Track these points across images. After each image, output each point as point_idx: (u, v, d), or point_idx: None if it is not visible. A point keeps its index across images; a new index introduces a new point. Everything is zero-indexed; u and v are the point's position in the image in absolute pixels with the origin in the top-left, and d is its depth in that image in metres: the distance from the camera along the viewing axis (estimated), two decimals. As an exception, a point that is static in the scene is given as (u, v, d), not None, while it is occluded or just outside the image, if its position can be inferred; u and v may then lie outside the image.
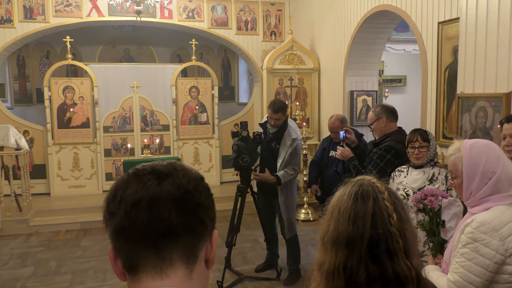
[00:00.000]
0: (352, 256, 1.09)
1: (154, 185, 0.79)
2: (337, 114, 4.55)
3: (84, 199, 7.02)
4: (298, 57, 7.04)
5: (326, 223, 1.18)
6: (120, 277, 0.83)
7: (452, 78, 3.99)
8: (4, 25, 6.85)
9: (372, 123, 3.51)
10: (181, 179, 0.82)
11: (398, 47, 9.29)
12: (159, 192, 0.79)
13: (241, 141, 4.08)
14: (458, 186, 1.82)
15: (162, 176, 0.81)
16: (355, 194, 1.14)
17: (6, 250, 5.33)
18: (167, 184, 0.80)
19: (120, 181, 0.84)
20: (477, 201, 1.75)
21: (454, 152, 1.82)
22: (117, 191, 0.82)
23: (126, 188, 0.80)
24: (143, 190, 0.79)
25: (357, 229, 1.10)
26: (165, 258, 0.78)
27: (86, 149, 7.42)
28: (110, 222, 0.80)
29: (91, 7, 7.14)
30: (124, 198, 0.79)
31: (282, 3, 8.03)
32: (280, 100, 4.34)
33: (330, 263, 1.12)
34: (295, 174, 4.18)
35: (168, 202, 0.78)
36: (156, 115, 7.71)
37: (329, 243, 1.15)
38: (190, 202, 0.81)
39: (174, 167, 0.84)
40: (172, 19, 7.52)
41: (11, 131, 5.89)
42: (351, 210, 1.12)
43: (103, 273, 4.61)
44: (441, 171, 2.89)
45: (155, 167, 0.84)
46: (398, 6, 4.78)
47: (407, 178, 2.99)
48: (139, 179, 0.81)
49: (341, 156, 3.64)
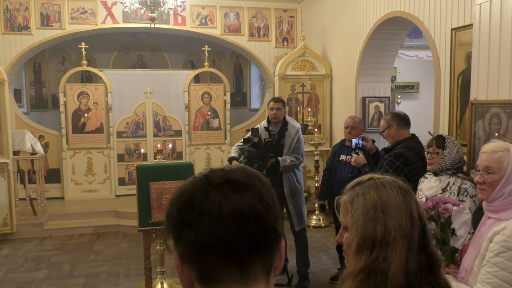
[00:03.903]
0: (411, 249, 1.11)
1: (238, 198, 0.77)
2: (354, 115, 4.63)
3: (97, 204, 7.09)
4: (310, 63, 7.05)
5: (379, 222, 1.14)
6: (186, 286, 0.80)
7: (465, 85, 3.96)
8: (21, 32, 6.99)
9: (384, 131, 3.53)
10: (260, 190, 0.80)
11: (411, 53, 9.25)
12: (245, 206, 0.76)
13: (252, 147, 4.09)
14: (491, 184, 1.76)
15: (242, 186, 0.78)
16: (400, 189, 1.17)
17: (21, 253, 5.40)
18: (250, 197, 0.78)
19: (196, 189, 0.79)
20: (504, 205, 1.71)
21: (500, 149, 1.78)
22: (193, 199, 0.78)
23: (205, 198, 0.77)
24: (227, 203, 0.76)
25: (413, 222, 1.13)
26: (249, 273, 0.77)
27: (99, 154, 7.50)
28: (186, 233, 0.77)
29: (106, 14, 7.25)
30: (207, 211, 0.75)
31: (294, 10, 8.06)
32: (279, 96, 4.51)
33: (396, 259, 1.10)
34: (297, 162, 4.20)
35: (254, 218, 0.76)
36: (168, 121, 7.77)
37: (393, 241, 1.12)
38: (271, 216, 0.79)
39: (249, 176, 0.82)
40: (185, 25, 7.59)
41: (27, 136, 6.00)
42: (405, 204, 1.15)
43: (115, 277, 4.65)
44: (456, 181, 2.82)
45: (230, 176, 0.80)
46: (411, 12, 4.77)
47: (425, 184, 2.98)
48: (218, 189, 0.77)
49: (355, 163, 3.71)
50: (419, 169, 3.31)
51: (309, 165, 6.88)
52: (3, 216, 5.76)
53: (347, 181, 1.16)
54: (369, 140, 3.90)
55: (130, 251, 5.46)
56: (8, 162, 5.71)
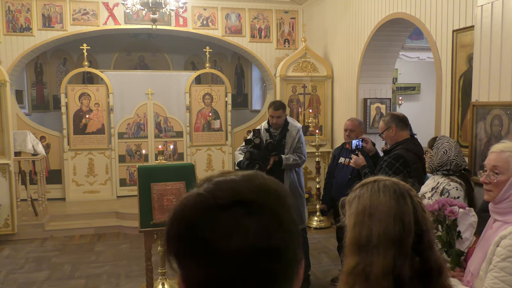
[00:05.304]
0: (400, 255, 1.10)
1: (253, 226, 0.63)
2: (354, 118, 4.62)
3: (98, 205, 7.10)
4: (311, 64, 7.05)
5: (365, 226, 1.15)
6: None
7: (466, 86, 3.96)
8: (23, 33, 7.00)
9: (383, 133, 3.54)
10: (279, 212, 0.66)
11: (412, 55, 9.24)
12: (261, 237, 0.63)
13: (254, 149, 4.10)
14: (498, 184, 1.75)
15: (257, 209, 0.64)
16: (394, 193, 1.16)
17: (22, 254, 5.41)
18: (267, 224, 0.64)
19: (200, 212, 0.65)
20: (511, 208, 1.69)
21: (509, 150, 1.77)
22: (196, 226, 0.64)
23: (212, 226, 0.63)
24: (240, 234, 0.62)
25: (404, 227, 1.12)
26: None
27: (101, 155, 7.51)
28: (189, 264, 0.66)
29: (108, 15, 7.27)
30: (214, 242, 0.62)
31: (295, 11, 8.07)
32: (279, 100, 4.56)
33: (379, 264, 1.11)
34: (299, 161, 4.22)
35: (272, 252, 0.64)
36: (170, 122, 7.78)
37: (377, 246, 1.12)
38: (292, 243, 0.67)
39: (265, 192, 0.67)
40: (186, 27, 7.60)
41: (29, 137, 6.01)
42: (395, 209, 1.13)
43: (116, 278, 4.65)
44: (444, 181, 2.87)
45: (242, 193, 0.65)
46: (413, 14, 4.77)
47: (426, 182, 3.04)
48: (227, 213, 0.63)
49: (355, 164, 3.71)
50: (418, 171, 3.32)
51: (310, 166, 6.87)
52: (4, 217, 5.77)
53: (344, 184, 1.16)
54: (368, 141, 3.90)
55: (131, 252, 5.46)
56: (10, 163, 5.72)
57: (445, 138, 3.10)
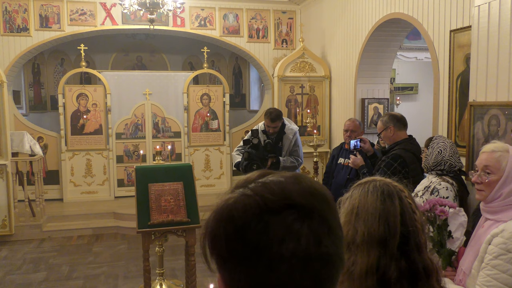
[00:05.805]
0: (385, 255, 1.11)
1: (304, 232, 0.63)
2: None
3: (96, 205, 7.08)
4: (309, 64, 7.05)
5: (351, 225, 1.17)
6: None
7: (464, 86, 3.97)
8: (20, 33, 6.99)
9: (381, 133, 3.55)
10: (328, 216, 0.66)
11: (410, 55, 9.25)
12: (312, 243, 0.63)
13: (252, 149, 4.10)
14: (489, 184, 1.77)
15: (308, 213, 0.64)
16: (381, 194, 1.16)
17: (20, 255, 5.39)
18: (317, 229, 0.64)
19: (251, 215, 0.64)
20: (502, 207, 1.70)
21: (499, 150, 1.79)
22: (247, 229, 0.63)
23: (263, 229, 0.62)
24: (292, 240, 0.62)
25: (389, 228, 1.12)
26: None
27: (98, 155, 7.49)
28: (236, 267, 0.65)
29: (105, 15, 7.26)
30: (266, 247, 0.62)
31: (293, 11, 8.07)
32: (275, 108, 4.52)
33: (362, 264, 1.12)
34: (296, 164, 4.30)
35: (322, 258, 0.64)
36: (167, 122, 7.77)
37: (361, 245, 1.14)
38: (339, 248, 0.68)
39: (313, 195, 0.67)
40: (184, 27, 7.60)
41: (26, 138, 5.99)
42: (381, 210, 1.14)
43: (114, 279, 4.64)
44: (437, 181, 2.89)
45: (292, 196, 0.65)
46: (410, 14, 4.78)
47: (421, 182, 3.05)
48: (279, 217, 0.63)
49: (353, 164, 3.72)
50: (416, 171, 3.33)
51: (308, 166, 6.87)
52: (2, 218, 5.75)
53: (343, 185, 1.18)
54: (366, 141, 3.91)
55: (129, 252, 5.46)
56: (7, 164, 5.70)
57: (441, 138, 3.11)
